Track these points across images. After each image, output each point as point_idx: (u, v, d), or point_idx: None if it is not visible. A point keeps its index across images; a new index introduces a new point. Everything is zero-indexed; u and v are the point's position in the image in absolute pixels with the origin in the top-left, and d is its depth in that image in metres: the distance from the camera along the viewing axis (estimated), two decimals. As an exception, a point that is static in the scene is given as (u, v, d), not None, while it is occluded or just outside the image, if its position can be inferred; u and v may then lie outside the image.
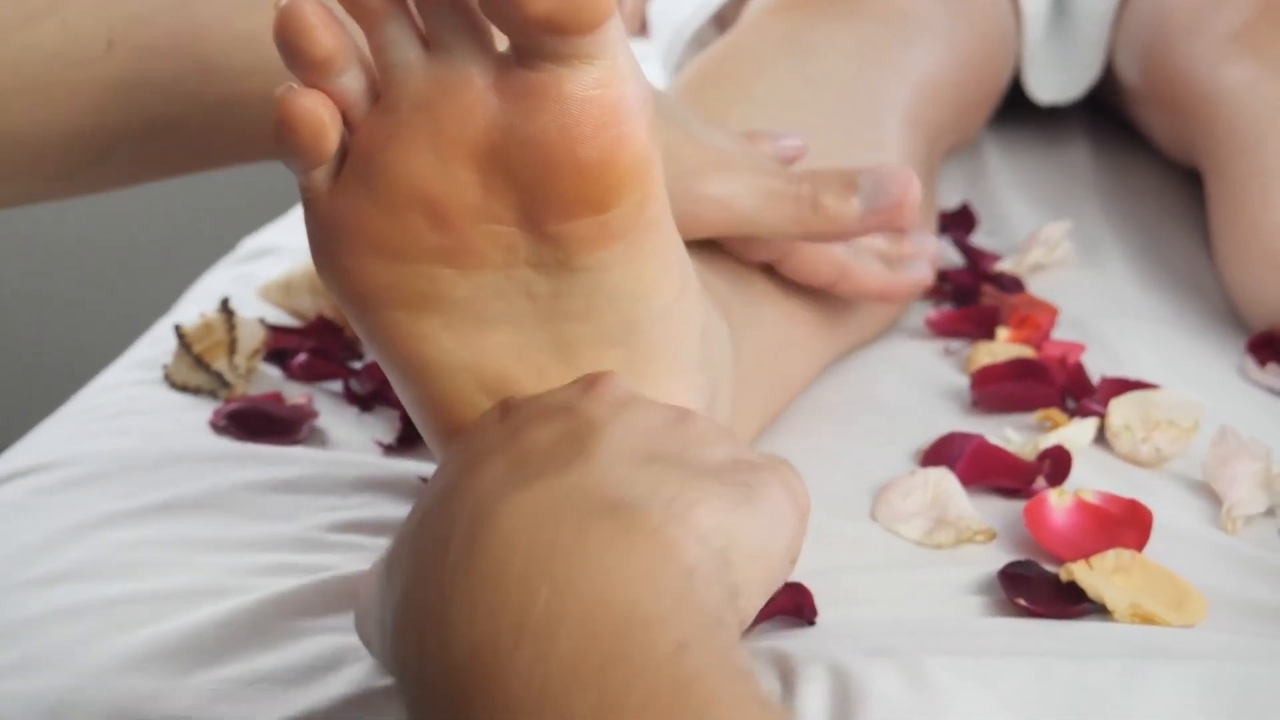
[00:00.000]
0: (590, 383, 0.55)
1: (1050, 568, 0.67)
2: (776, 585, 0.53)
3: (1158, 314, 0.94)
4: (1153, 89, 1.12)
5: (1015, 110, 1.20)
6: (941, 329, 0.90)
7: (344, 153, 0.54)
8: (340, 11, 0.53)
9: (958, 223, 1.05)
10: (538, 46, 0.51)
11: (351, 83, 0.53)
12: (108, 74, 0.62)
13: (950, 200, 1.09)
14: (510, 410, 0.55)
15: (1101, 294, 0.97)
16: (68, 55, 0.61)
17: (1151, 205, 1.10)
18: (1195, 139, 1.05)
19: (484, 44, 0.52)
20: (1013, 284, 0.95)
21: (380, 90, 0.53)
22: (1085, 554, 0.66)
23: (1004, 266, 0.98)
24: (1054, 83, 1.18)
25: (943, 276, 0.96)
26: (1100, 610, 0.64)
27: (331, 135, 0.52)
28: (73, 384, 1.00)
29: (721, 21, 1.17)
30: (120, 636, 0.63)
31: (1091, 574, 0.65)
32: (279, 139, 0.52)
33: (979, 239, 1.04)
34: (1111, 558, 0.66)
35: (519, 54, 0.52)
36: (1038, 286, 0.96)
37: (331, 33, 0.52)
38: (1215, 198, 0.99)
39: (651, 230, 0.55)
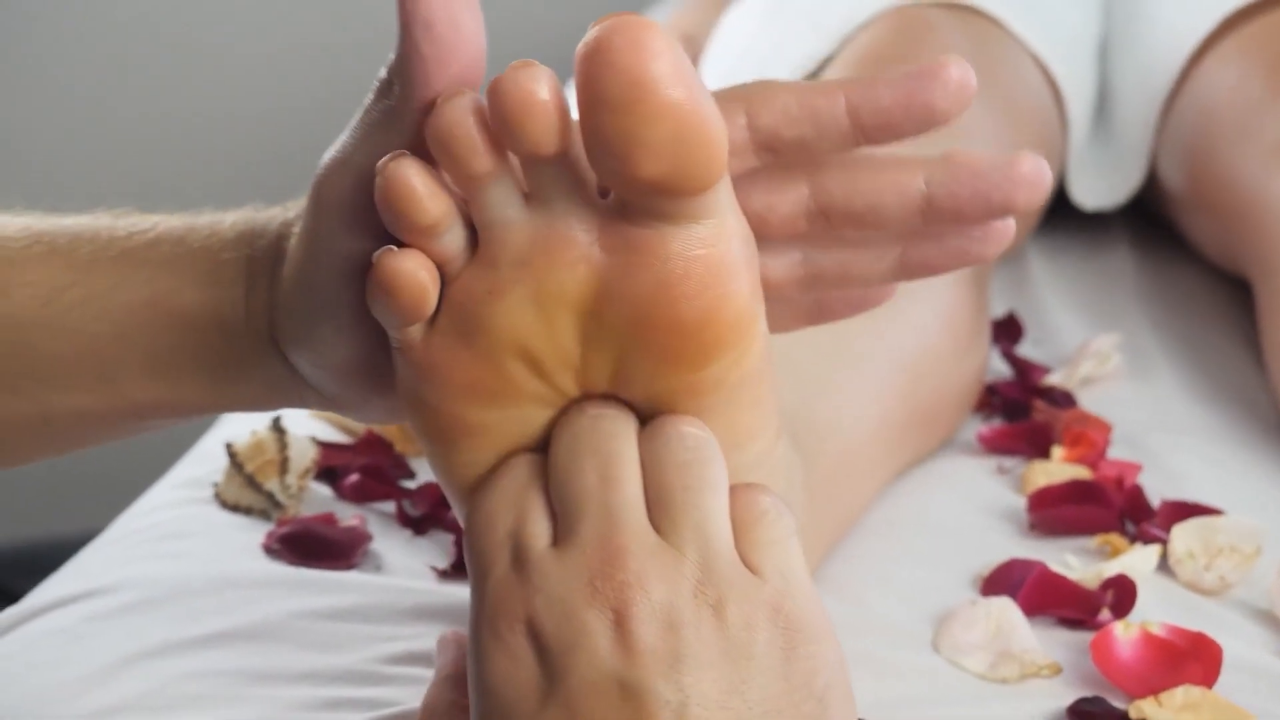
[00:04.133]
0: (619, 618, 0.52)
1: (1118, 703, 0.66)
2: None
3: (1211, 430, 0.93)
4: (1198, 196, 1.11)
5: (1058, 216, 1.20)
6: (994, 446, 0.90)
7: (439, 301, 0.53)
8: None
9: (1005, 333, 1.04)
10: (645, 204, 0.51)
11: (453, 239, 0.52)
12: None
13: (995, 308, 1.08)
14: (547, 657, 0.52)
15: (1153, 409, 0.96)
16: None
17: (1198, 314, 1.09)
18: (1243, 247, 1.04)
19: (588, 198, 0.52)
20: (1064, 399, 0.94)
21: (480, 243, 0.53)
22: (1153, 689, 0.66)
23: (1054, 380, 0.98)
24: (1097, 189, 1.18)
25: (992, 390, 0.96)
26: (1172, 750, 0.63)
27: (431, 298, 0.52)
28: (115, 496, 1.00)
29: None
30: (178, 774, 0.63)
31: (1161, 711, 0.64)
32: (375, 300, 0.52)
33: (1026, 349, 1.04)
34: (1180, 694, 0.65)
35: (624, 209, 0.51)
36: (1088, 400, 0.95)
37: (437, 199, 0.51)
38: (1266, 307, 0.99)
39: (748, 384, 0.54)
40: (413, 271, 0.51)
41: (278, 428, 0.85)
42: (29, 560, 0.96)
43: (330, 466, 0.87)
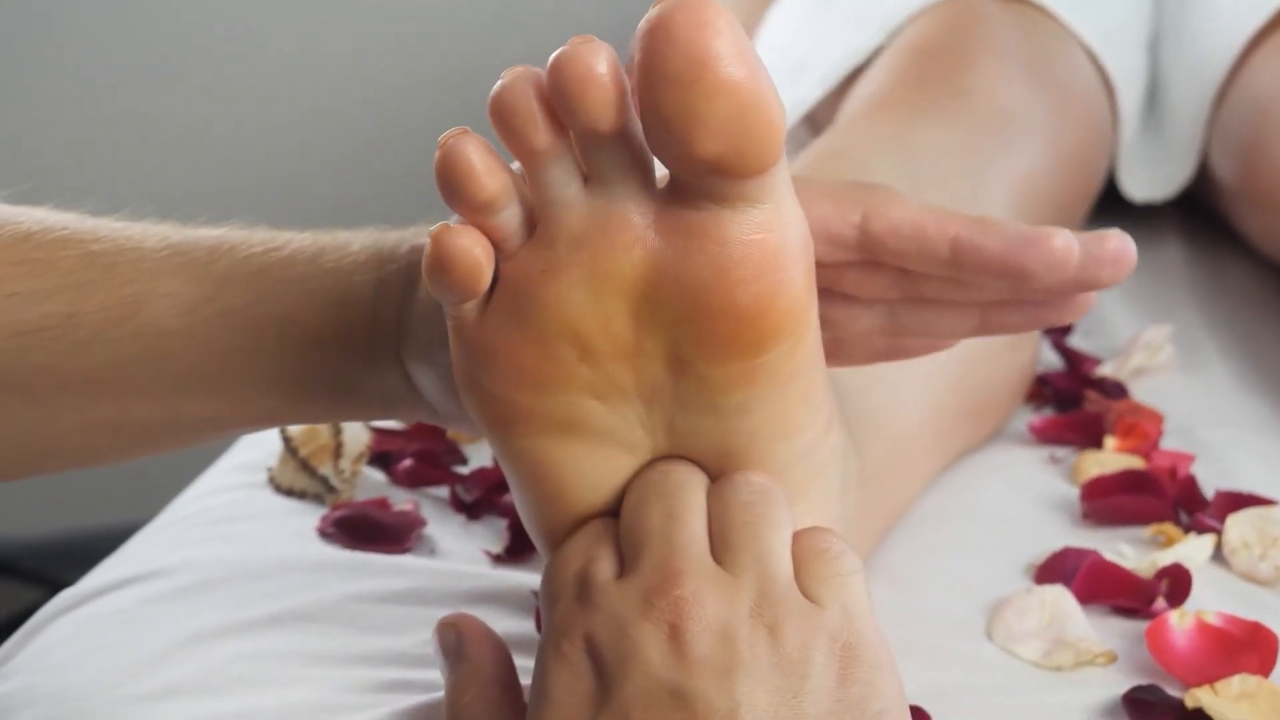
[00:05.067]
0: (675, 629, 0.52)
1: (1173, 692, 0.65)
2: None
3: (1264, 422, 0.93)
4: (1251, 189, 1.11)
5: (1108, 208, 1.19)
6: (1045, 436, 0.90)
7: (494, 281, 0.53)
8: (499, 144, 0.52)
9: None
10: (702, 186, 0.51)
11: (509, 217, 0.52)
12: None
13: (1046, 300, 1.08)
14: (603, 668, 0.53)
15: (1205, 400, 0.96)
16: None
17: (1250, 307, 1.09)
18: (1295, 240, 1.04)
19: (645, 181, 0.52)
20: (1116, 389, 0.94)
21: (536, 222, 0.53)
22: (1209, 678, 0.66)
23: (1105, 370, 0.97)
24: (1148, 181, 1.18)
25: (1043, 380, 0.95)
26: (1229, 739, 0.63)
27: (486, 273, 0.52)
28: (160, 488, 1.00)
29: (813, 122, 1.17)
30: (235, 754, 0.63)
31: (1217, 700, 0.64)
32: (432, 275, 0.52)
33: (1076, 340, 1.03)
34: (1237, 683, 0.65)
35: (681, 193, 0.51)
36: (1140, 392, 0.95)
37: (495, 176, 0.51)
38: (1318, 301, 0.98)
39: (801, 373, 0.54)
40: (468, 248, 0.52)
41: (332, 413, 0.85)
42: (76, 551, 0.97)
43: (383, 452, 0.87)
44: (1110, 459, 0.85)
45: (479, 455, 0.88)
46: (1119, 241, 0.58)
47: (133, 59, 1.89)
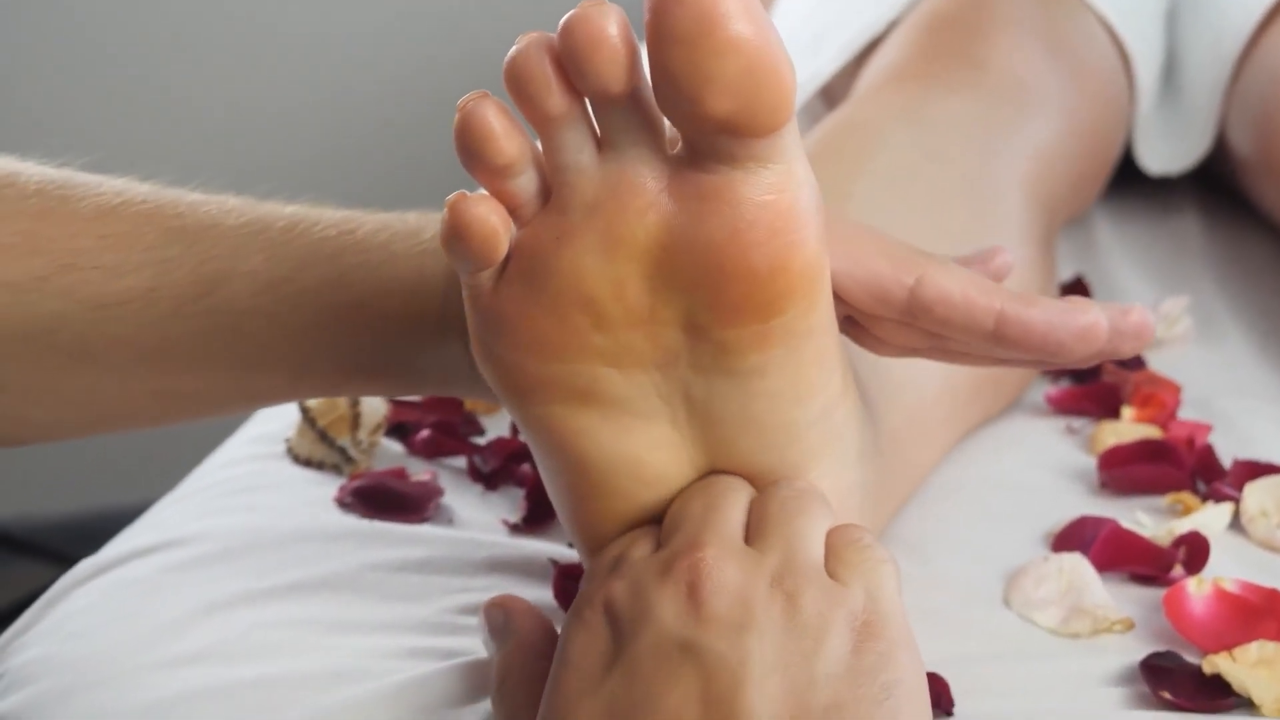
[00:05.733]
0: (693, 587, 0.53)
1: (1192, 659, 0.66)
2: None
3: (1280, 393, 0.93)
4: (1267, 161, 1.10)
5: (1125, 180, 1.19)
6: (1063, 407, 0.90)
7: (510, 250, 0.53)
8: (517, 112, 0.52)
9: (1072, 295, 1.04)
10: (714, 148, 0.51)
11: (525, 184, 0.53)
12: None
13: (1062, 272, 1.08)
14: (620, 628, 0.53)
15: (1222, 371, 0.95)
16: None
17: (1267, 279, 1.09)
18: (1313, 213, 1.04)
19: (657, 146, 0.52)
20: (1133, 360, 0.94)
21: (551, 190, 0.53)
22: (1226, 645, 0.65)
23: (1122, 342, 0.97)
24: (1164, 154, 1.17)
25: (1060, 352, 0.95)
26: (1246, 704, 0.63)
27: (503, 242, 0.52)
28: (175, 467, 1.00)
29: (828, 95, 1.17)
30: (255, 720, 0.63)
31: (1235, 666, 0.64)
32: (449, 243, 0.52)
33: (1094, 313, 1.03)
34: (1254, 650, 0.65)
35: (693, 155, 0.51)
36: (1157, 363, 0.95)
37: (512, 139, 0.52)
38: (1335, 273, 0.98)
39: (815, 336, 0.54)
40: (485, 216, 0.52)
41: (349, 384, 0.86)
42: (94, 529, 0.97)
43: (400, 422, 0.87)
44: (1128, 429, 0.85)
45: (496, 426, 0.88)
46: (1140, 316, 0.61)
47: (152, 36, 1.89)
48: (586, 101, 0.52)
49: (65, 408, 0.66)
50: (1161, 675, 0.65)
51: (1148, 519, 0.76)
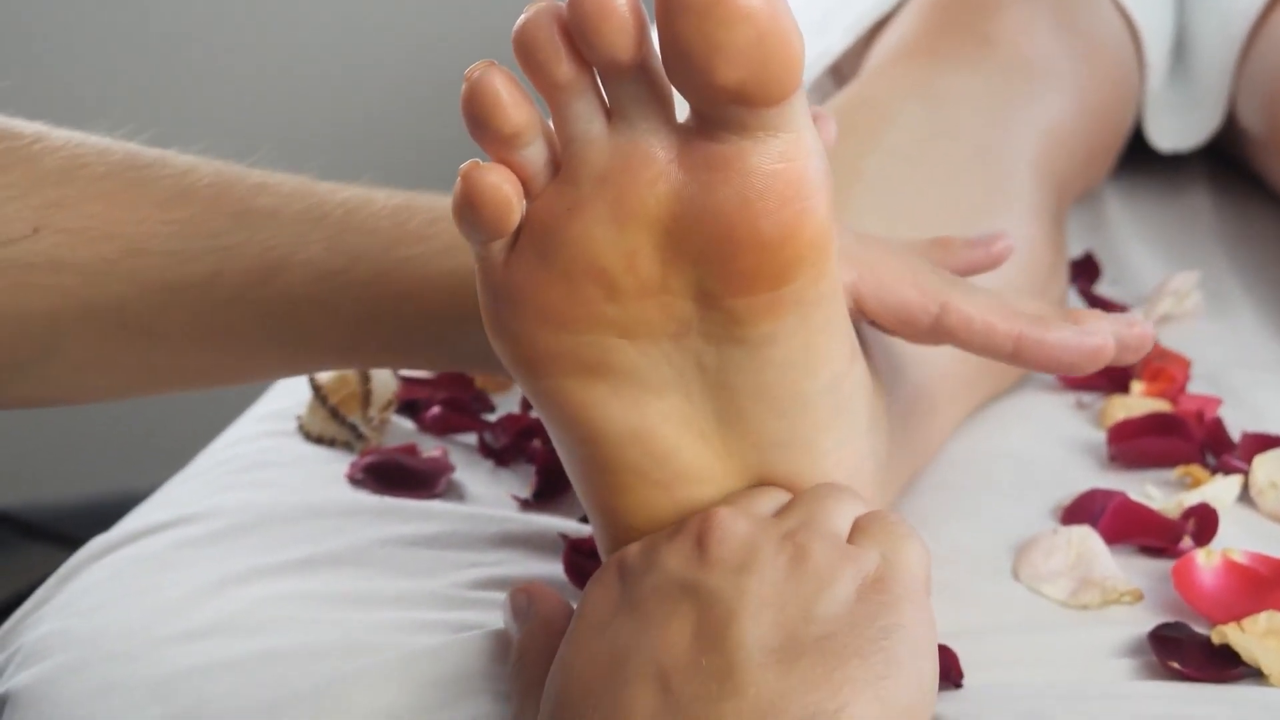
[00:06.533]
0: (700, 537, 0.54)
1: (1201, 630, 0.66)
2: (930, 715, 0.53)
3: (1292, 367, 0.93)
4: (1277, 137, 1.10)
5: (1135, 158, 1.19)
6: (1072, 381, 0.89)
7: (521, 222, 0.54)
8: (527, 83, 0.53)
9: (1082, 272, 1.04)
10: (723, 117, 0.51)
11: (535, 154, 0.53)
12: (35, 256, 0.65)
13: (1072, 249, 1.08)
14: (628, 577, 0.55)
15: (1233, 346, 0.95)
16: None
17: (1277, 254, 1.09)
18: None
19: (667, 116, 0.52)
20: (1143, 336, 0.94)
21: (561, 161, 0.53)
22: (1236, 616, 0.65)
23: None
24: (1175, 131, 1.17)
25: (1070, 327, 0.95)
26: (1256, 674, 0.63)
27: (515, 211, 0.52)
28: (194, 425, 1.01)
29: (837, 73, 1.17)
30: (266, 694, 0.63)
31: (1244, 637, 0.64)
32: (461, 213, 0.53)
33: (1103, 288, 1.03)
34: (1264, 620, 0.65)
35: (703, 125, 0.52)
36: (1167, 338, 0.95)
37: (520, 108, 0.52)
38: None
39: (824, 304, 0.55)
40: (497, 184, 0.52)
41: (360, 361, 0.86)
42: (104, 515, 0.98)
43: (411, 400, 0.87)
44: (1137, 403, 0.85)
45: (506, 403, 0.88)
46: (1142, 329, 0.66)
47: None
48: (595, 73, 0.52)
49: (122, 376, 0.69)
50: (1170, 646, 0.65)
51: (1157, 492, 0.76)
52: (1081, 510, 0.74)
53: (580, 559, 0.70)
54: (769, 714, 0.49)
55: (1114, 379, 0.88)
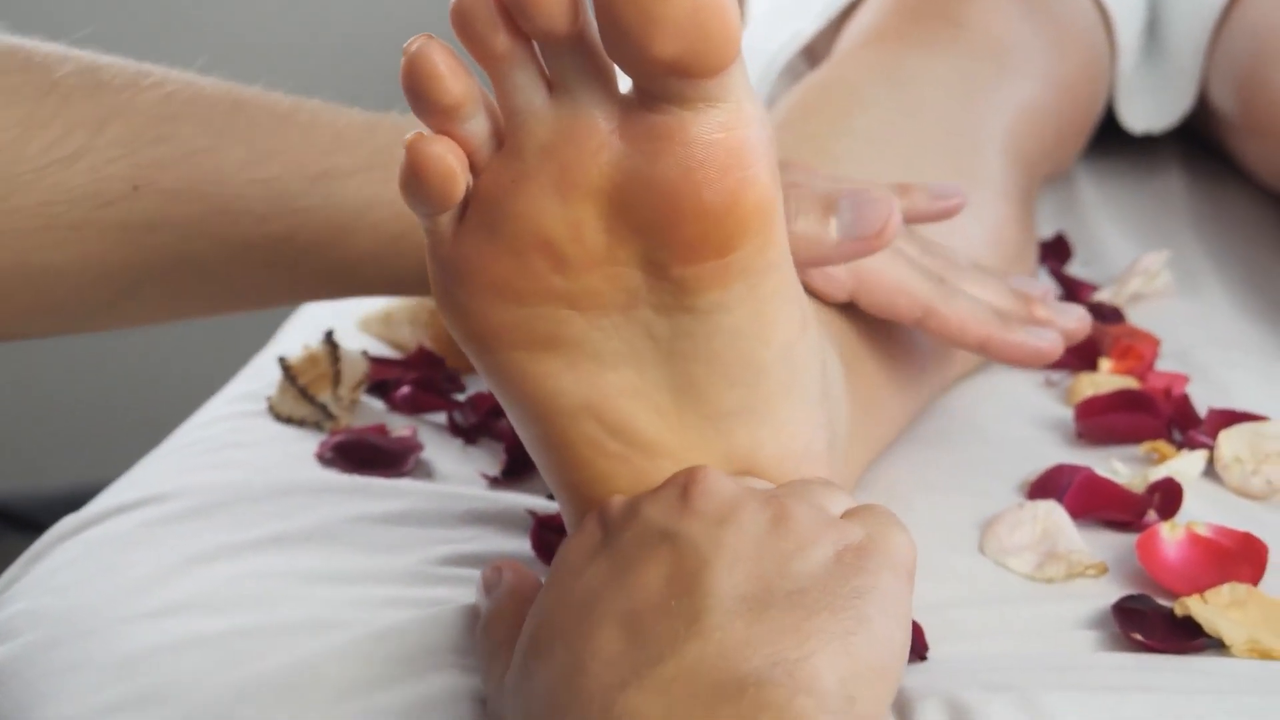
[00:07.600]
0: (685, 489, 0.55)
1: (1164, 602, 0.66)
2: (898, 683, 0.53)
3: (1260, 345, 0.93)
4: (1251, 119, 1.11)
5: (1107, 139, 1.20)
6: (1042, 360, 0.90)
7: (468, 196, 0.54)
8: (467, 56, 0.53)
9: (1053, 253, 1.04)
10: (662, 89, 0.51)
11: (477, 128, 0.53)
12: (133, 215, 0.67)
13: (1044, 230, 1.08)
14: (609, 526, 0.56)
15: (1202, 325, 0.96)
16: (95, 197, 0.66)
17: (1248, 235, 1.09)
18: (1294, 169, 1.04)
19: (608, 88, 0.53)
20: (1113, 314, 0.94)
21: (504, 135, 0.53)
22: (1199, 588, 0.66)
23: (1102, 297, 0.98)
24: (1147, 112, 1.17)
25: (1040, 307, 0.95)
26: (1217, 645, 0.64)
27: (460, 182, 0.53)
28: (173, 416, 1.01)
29: (811, 54, 1.17)
30: (236, 669, 0.64)
31: (1207, 608, 0.65)
32: (407, 185, 0.53)
33: (1074, 270, 1.04)
34: (1226, 592, 0.65)
35: (643, 97, 0.52)
36: (1137, 317, 0.95)
37: (459, 79, 0.52)
38: (1316, 228, 0.98)
39: (772, 271, 0.55)
40: (441, 155, 0.52)
41: (330, 342, 0.86)
42: (78, 503, 0.98)
43: (381, 380, 0.88)
44: (1105, 380, 0.85)
45: (476, 382, 0.89)
46: (1079, 318, 0.79)
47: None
48: (535, 45, 0.52)
49: (184, 311, 0.76)
50: (1133, 618, 0.65)
51: (1123, 467, 0.77)
52: (1048, 485, 0.75)
53: (548, 535, 0.70)
54: (731, 658, 0.49)
55: (1083, 357, 0.89)
